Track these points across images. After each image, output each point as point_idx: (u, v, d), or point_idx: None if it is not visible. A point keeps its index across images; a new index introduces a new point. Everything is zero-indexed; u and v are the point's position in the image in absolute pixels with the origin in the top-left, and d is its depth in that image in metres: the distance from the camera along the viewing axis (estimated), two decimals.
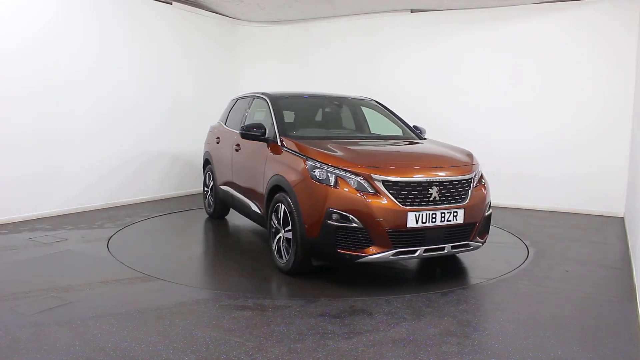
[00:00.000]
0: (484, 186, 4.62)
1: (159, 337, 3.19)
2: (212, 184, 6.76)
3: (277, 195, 4.61)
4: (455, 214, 4.22)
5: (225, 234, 6.36)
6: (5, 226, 6.06)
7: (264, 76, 9.71)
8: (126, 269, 4.61)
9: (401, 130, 5.66)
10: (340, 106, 6.01)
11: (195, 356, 2.93)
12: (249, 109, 6.00)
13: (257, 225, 5.77)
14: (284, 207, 4.46)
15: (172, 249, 5.59)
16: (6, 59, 6.10)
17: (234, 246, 5.80)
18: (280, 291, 4.28)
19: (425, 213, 4.10)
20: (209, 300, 3.94)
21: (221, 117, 6.95)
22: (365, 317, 3.58)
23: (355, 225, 4.00)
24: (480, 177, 4.66)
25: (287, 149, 4.69)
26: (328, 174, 4.16)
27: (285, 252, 4.49)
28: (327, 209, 4.05)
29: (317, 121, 5.79)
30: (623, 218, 7.19)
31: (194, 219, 7.03)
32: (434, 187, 4.17)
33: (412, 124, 5.81)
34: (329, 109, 5.95)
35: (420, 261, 5.06)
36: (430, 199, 4.16)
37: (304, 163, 4.35)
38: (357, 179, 4.09)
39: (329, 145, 4.59)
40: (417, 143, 5.24)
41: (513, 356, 3.02)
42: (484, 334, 3.40)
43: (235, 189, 5.96)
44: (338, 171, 4.15)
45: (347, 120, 5.96)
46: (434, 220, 4.13)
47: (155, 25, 8.07)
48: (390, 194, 4.06)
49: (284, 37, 9.78)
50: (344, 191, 4.07)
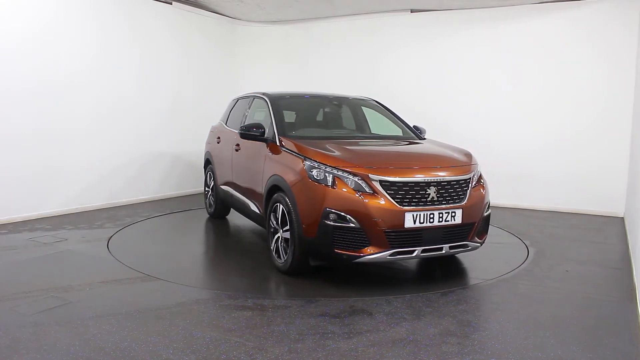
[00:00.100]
0: (483, 186, 4.61)
1: (159, 337, 3.19)
2: (213, 184, 6.76)
3: (275, 195, 4.60)
4: (454, 214, 4.21)
5: (225, 233, 6.36)
6: (5, 226, 6.06)
7: (264, 76, 9.70)
8: (126, 269, 4.61)
9: (401, 130, 5.65)
10: (340, 106, 6.00)
11: (195, 356, 2.93)
12: (249, 109, 6.00)
13: (257, 225, 5.77)
14: (282, 207, 4.45)
15: (172, 249, 5.59)
16: (6, 59, 6.10)
17: (234, 246, 5.80)
18: (280, 291, 4.27)
19: (423, 213, 4.08)
20: (209, 300, 3.94)
21: (222, 117, 6.96)
22: (365, 317, 3.58)
23: (353, 225, 4.00)
24: (479, 177, 4.64)
25: (286, 149, 4.69)
26: (325, 174, 4.16)
27: (284, 252, 4.49)
28: (325, 209, 4.05)
29: (316, 121, 5.79)
30: (623, 218, 7.19)
31: (194, 219, 7.04)
32: (431, 187, 4.16)
33: (412, 124, 5.80)
34: (328, 109, 5.93)
35: (420, 261, 5.06)
36: (428, 199, 4.14)
37: (302, 163, 4.34)
38: (355, 179, 4.08)
39: (327, 145, 4.58)
40: (416, 143, 5.23)
41: (513, 356, 3.02)
42: (484, 334, 3.40)
43: (235, 189, 5.96)
44: (335, 171, 4.15)
45: (347, 121, 5.95)
46: (431, 220, 4.12)
47: (155, 25, 8.07)
48: (388, 194, 4.05)
49: (284, 37, 9.77)
50: (341, 191, 4.06)
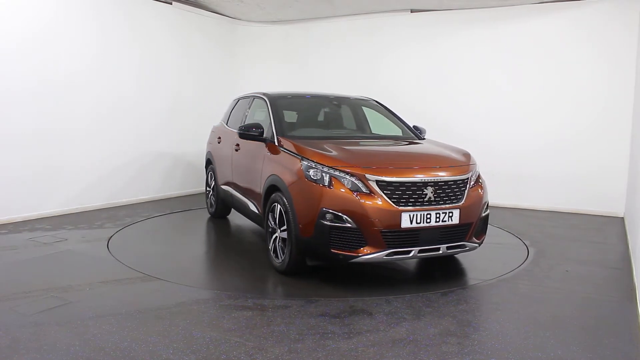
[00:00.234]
0: (481, 186, 4.58)
1: (159, 337, 3.19)
2: (214, 183, 6.77)
3: (273, 195, 4.60)
4: (451, 214, 4.19)
5: (226, 233, 6.36)
6: (5, 226, 6.06)
7: (264, 76, 9.70)
8: (126, 269, 4.61)
9: (401, 130, 5.64)
10: (340, 106, 5.99)
11: (195, 356, 2.93)
12: (249, 109, 6.00)
13: (257, 225, 5.76)
14: (279, 207, 4.45)
15: (172, 249, 5.59)
16: (6, 59, 6.10)
17: (234, 246, 5.80)
18: (280, 291, 4.27)
19: (419, 213, 4.07)
20: (209, 300, 3.94)
21: (223, 117, 6.96)
22: (365, 317, 3.58)
23: (349, 225, 3.99)
24: (478, 177, 4.63)
25: (284, 149, 4.68)
26: (322, 174, 4.15)
27: (281, 252, 4.49)
28: (321, 209, 4.04)
29: (316, 121, 5.78)
30: (623, 218, 7.19)
31: (195, 218, 7.04)
32: (429, 187, 4.15)
33: (412, 124, 5.80)
34: (328, 109, 5.92)
35: (420, 261, 5.05)
36: (425, 199, 4.13)
37: (299, 163, 4.34)
38: (351, 179, 4.08)
39: (325, 145, 4.57)
40: (414, 143, 5.22)
41: (513, 356, 3.02)
42: (484, 334, 3.40)
43: (235, 189, 5.96)
44: (332, 171, 4.14)
45: (347, 121, 5.94)
46: (428, 220, 4.10)
47: (155, 25, 8.07)
48: (384, 194, 4.05)
49: (284, 37, 9.77)
50: (337, 191, 4.06)
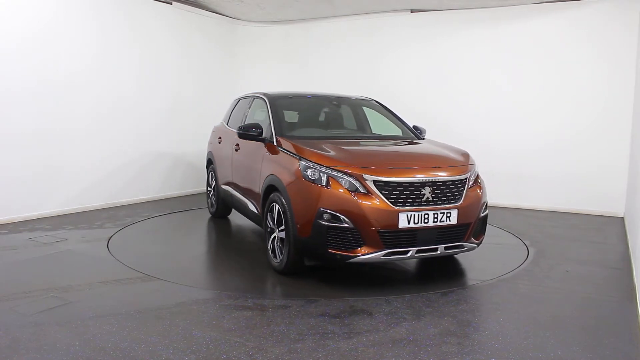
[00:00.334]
0: (480, 186, 4.57)
1: (159, 337, 3.19)
2: (215, 183, 6.77)
3: (272, 195, 4.60)
4: (449, 214, 4.18)
5: (226, 233, 6.36)
6: (5, 226, 6.06)
7: (264, 76, 9.70)
8: (126, 269, 4.61)
9: (401, 130, 5.64)
10: (339, 106, 5.99)
11: (195, 356, 2.93)
12: (249, 109, 6.01)
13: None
14: (278, 207, 4.45)
15: (172, 249, 5.59)
16: (6, 59, 6.10)
17: (234, 246, 5.80)
18: (280, 291, 4.27)
19: (417, 213, 4.06)
20: (209, 300, 3.94)
21: (224, 117, 6.97)
22: (365, 317, 3.58)
23: (346, 225, 3.99)
24: (477, 177, 4.62)
25: (283, 149, 4.68)
26: (320, 173, 4.15)
27: (280, 252, 4.49)
28: (319, 209, 4.04)
29: (315, 121, 5.77)
30: (623, 218, 7.19)
31: (195, 218, 7.04)
32: (426, 187, 4.14)
33: (412, 124, 5.80)
34: (327, 109, 5.92)
35: (420, 261, 5.05)
36: (423, 199, 4.12)
37: (297, 163, 4.34)
38: (349, 179, 4.07)
39: (323, 145, 4.56)
40: (413, 143, 5.22)
41: (513, 356, 3.02)
42: (484, 334, 3.40)
43: (235, 189, 5.96)
44: (330, 171, 4.14)
45: (347, 121, 5.94)
46: (426, 220, 4.09)
47: (155, 25, 8.07)
48: (382, 194, 4.04)
49: (284, 37, 9.77)
50: (335, 191, 4.05)
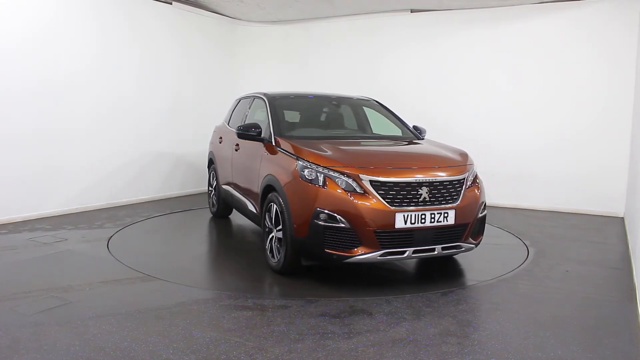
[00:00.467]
0: (478, 187, 4.56)
1: (159, 337, 3.19)
2: (216, 183, 6.78)
3: (270, 195, 4.61)
4: (446, 214, 4.17)
5: (226, 233, 6.36)
6: (5, 226, 6.06)
7: (264, 76, 9.71)
8: (126, 269, 4.61)
9: (400, 130, 5.64)
10: (339, 106, 5.99)
11: (195, 356, 2.93)
12: (249, 109, 6.01)
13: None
14: (275, 206, 4.46)
15: (172, 249, 5.59)
16: (6, 59, 6.10)
17: (234, 246, 5.80)
18: (280, 291, 4.26)
19: (414, 214, 4.05)
20: (209, 300, 3.94)
21: (225, 117, 6.98)
22: (365, 317, 3.58)
23: (343, 226, 3.98)
24: (475, 177, 4.61)
25: (281, 149, 4.69)
26: (317, 174, 4.15)
27: (277, 252, 4.50)
28: (315, 209, 4.04)
29: (315, 121, 5.77)
30: (623, 218, 7.19)
31: (195, 218, 7.04)
32: (423, 187, 4.13)
33: (412, 124, 5.80)
34: (327, 110, 5.92)
35: (420, 261, 5.05)
36: (420, 199, 4.11)
37: (295, 163, 4.34)
38: (345, 179, 4.07)
39: (321, 145, 4.56)
40: (412, 143, 5.21)
41: (513, 356, 3.02)
42: (484, 334, 3.39)
43: (235, 189, 5.97)
44: (327, 171, 4.14)
45: (347, 121, 5.93)
46: (423, 220, 4.08)
47: (155, 25, 8.07)
48: (379, 194, 4.03)
49: (284, 37, 9.77)
50: (332, 191, 4.05)
